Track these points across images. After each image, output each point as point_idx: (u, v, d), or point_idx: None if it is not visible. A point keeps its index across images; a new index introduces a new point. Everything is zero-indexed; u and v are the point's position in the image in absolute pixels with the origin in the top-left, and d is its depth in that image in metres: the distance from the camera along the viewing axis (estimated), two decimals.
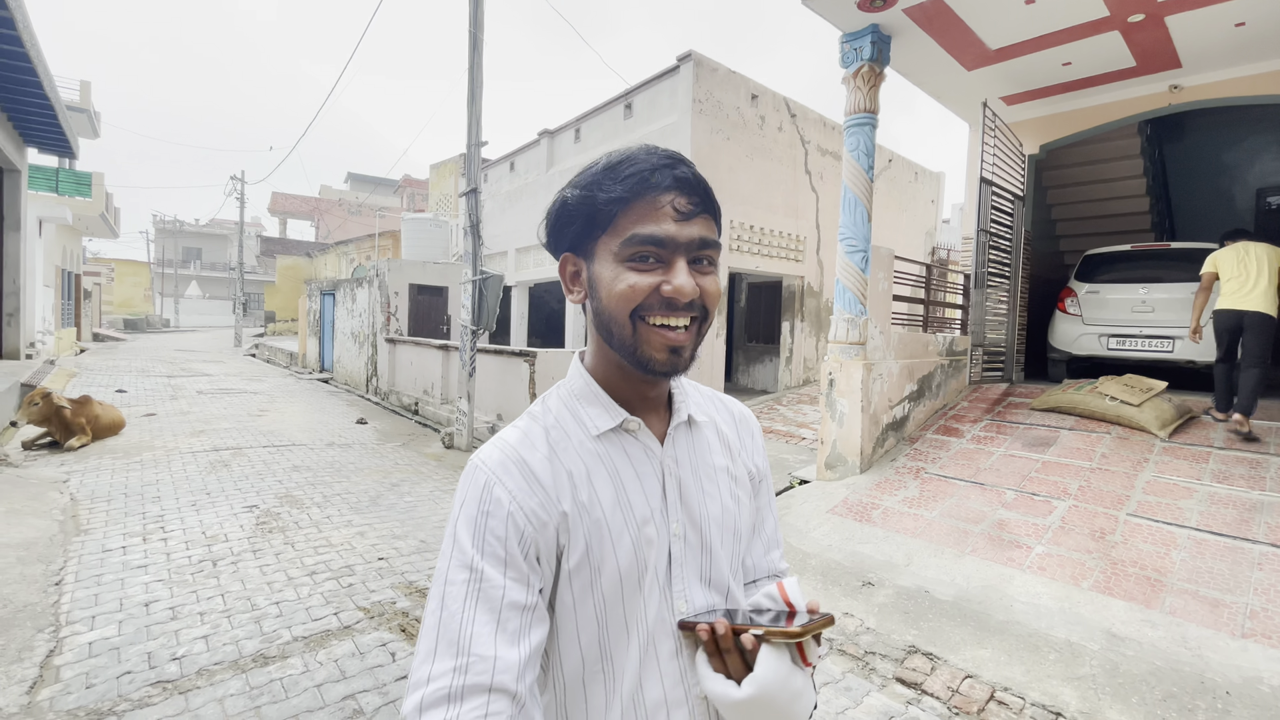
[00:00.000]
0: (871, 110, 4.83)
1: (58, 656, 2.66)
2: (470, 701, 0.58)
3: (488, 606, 0.62)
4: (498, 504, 0.66)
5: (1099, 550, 3.48)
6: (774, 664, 0.64)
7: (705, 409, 0.84)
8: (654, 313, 0.68)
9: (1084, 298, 6.23)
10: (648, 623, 0.70)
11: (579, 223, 0.72)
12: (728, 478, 0.81)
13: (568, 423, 0.74)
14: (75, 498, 4.74)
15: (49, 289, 16.18)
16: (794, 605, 0.72)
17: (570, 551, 0.68)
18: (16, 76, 8.03)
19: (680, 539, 0.74)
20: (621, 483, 0.72)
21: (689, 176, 0.70)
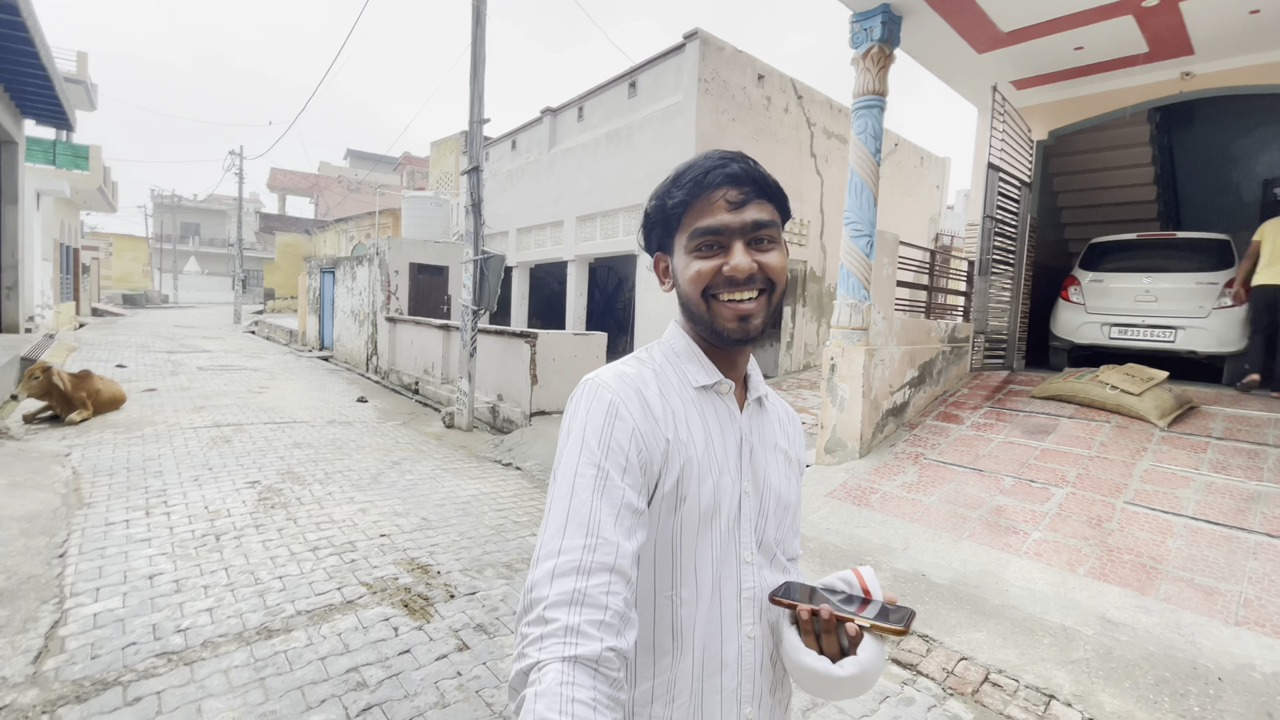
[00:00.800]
0: (880, 92, 4.78)
1: (63, 627, 2.69)
2: (598, 577, 0.65)
3: (610, 502, 0.69)
4: (623, 420, 0.74)
5: (1095, 537, 3.51)
6: (875, 652, 0.73)
7: (771, 397, 0.96)
8: (721, 290, 0.79)
9: (1088, 286, 6.21)
10: (714, 560, 0.79)
11: (659, 227, 0.85)
12: (784, 458, 0.91)
13: (670, 373, 0.84)
14: (77, 471, 4.76)
15: (48, 263, 16.10)
16: (871, 593, 0.79)
17: (666, 477, 0.76)
18: (13, 46, 7.90)
19: (749, 496, 0.84)
20: (710, 433, 0.81)
21: (737, 171, 0.79)
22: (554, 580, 0.65)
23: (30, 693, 2.26)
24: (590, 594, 0.64)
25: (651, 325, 8.25)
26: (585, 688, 0.60)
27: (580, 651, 0.61)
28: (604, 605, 0.64)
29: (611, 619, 0.64)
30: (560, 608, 0.63)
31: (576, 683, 0.60)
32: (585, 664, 0.61)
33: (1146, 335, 5.83)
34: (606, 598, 0.64)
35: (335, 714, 2.24)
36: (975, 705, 2.45)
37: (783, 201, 0.84)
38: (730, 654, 0.79)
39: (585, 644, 0.62)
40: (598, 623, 0.63)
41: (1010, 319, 6.71)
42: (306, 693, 2.34)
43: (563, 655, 0.61)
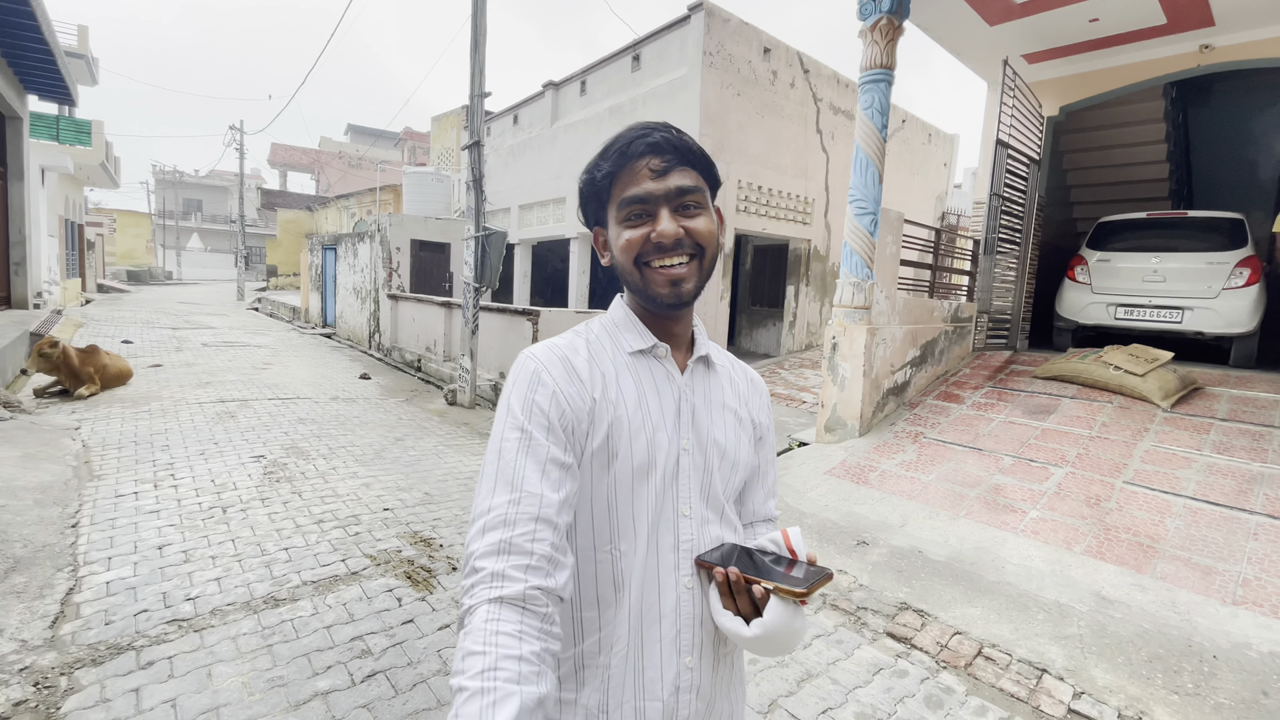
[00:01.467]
0: (888, 66, 4.69)
1: (77, 594, 2.75)
2: (523, 526, 0.70)
3: (535, 459, 0.74)
4: (544, 385, 0.79)
5: (1093, 516, 3.53)
6: (779, 613, 0.76)
7: (721, 360, 0.98)
8: (652, 257, 0.82)
9: (1094, 266, 6.16)
10: (652, 515, 0.82)
11: (591, 201, 0.88)
12: (733, 417, 0.93)
13: (605, 341, 0.88)
14: (87, 444, 4.82)
15: (53, 239, 16.10)
16: (796, 554, 0.83)
17: (594, 435, 0.80)
18: (16, 20, 7.82)
19: (688, 453, 0.86)
20: (644, 392, 0.85)
21: (659, 140, 0.82)
22: (484, 534, 0.69)
23: (49, 655, 2.33)
24: (515, 542, 0.68)
25: None
26: (510, 621, 0.64)
27: (505, 592, 0.65)
28: (529, 551, 0.68)
29: (537, 563, 0.68)
30: (489, 557, 0.68)
31: (502, 618, 0.64)
32: (511, 602, 0.65)
33: (1153, 316, 5.79)
34: (532, 544, 0.69)
35: (341, 680, 2.30)
36: (968, 678, 2.49)
37: (709, 169, 0.86)
38: (668, 604, 0.82)
39: (510, 585, 0.66)
40: (524, 566, 0.67)
41: (1015, 299, 6.67)
42: (313, 659, 2.39)
43: (489, 597, 0.65)
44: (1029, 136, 6.39)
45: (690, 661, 0.83)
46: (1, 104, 9.66)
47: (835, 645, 2.69)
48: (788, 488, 4.28)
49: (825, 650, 2.65)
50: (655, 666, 0.81)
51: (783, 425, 5.72)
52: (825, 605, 3.00)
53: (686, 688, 0.83)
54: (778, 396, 6.91)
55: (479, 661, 0.60)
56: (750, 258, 10.95)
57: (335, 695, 2.21)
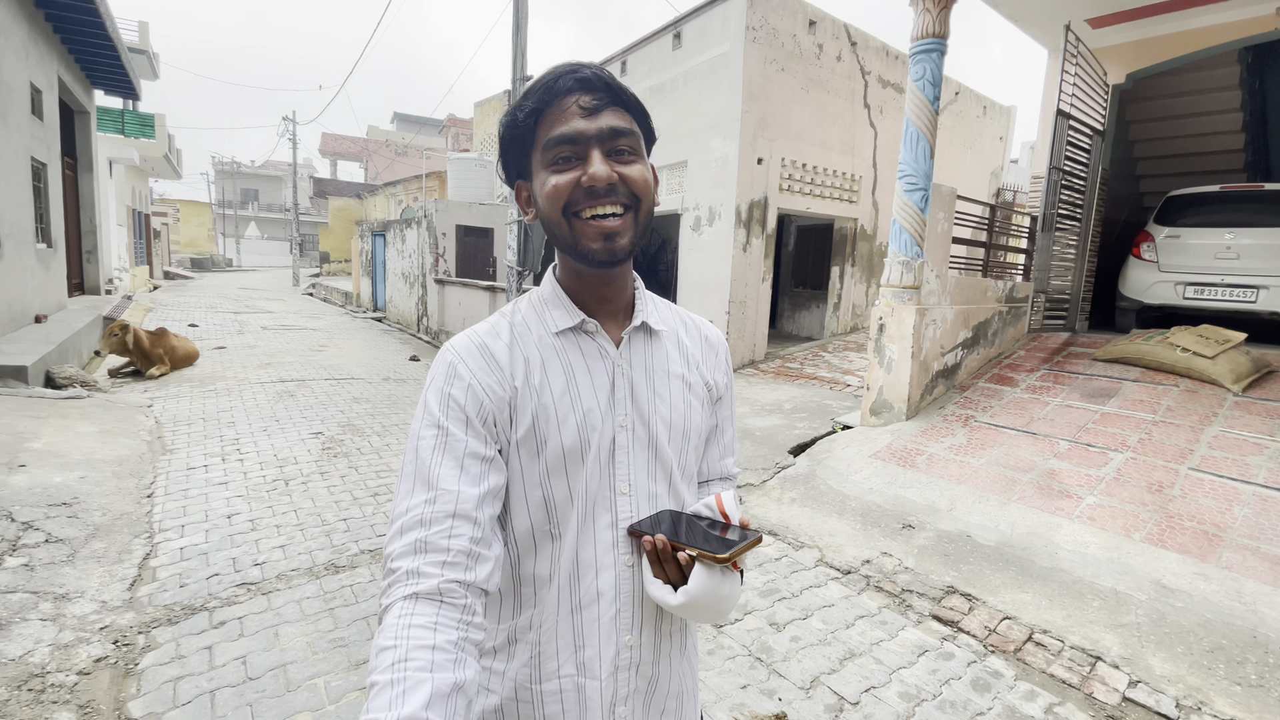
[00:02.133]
0: (941, 35, 4.51)
1: (153, 559, 2.95)
2: (439, 525, 0.67)
3: (452, 456, 0.71)
4: (459, 379, 0.75)
5: (1155, 503, 3.39)
6: (704, 579, 0.73)
7: (669, 321, 0.91)
8: (582, 205, 0.74)
9: (1162, 243, 5.83)
10: (587, 495, 0.79)
11: (513, 147, 0.79)
12: (681, 384, 0.87)
13: (532, 321, 0.82)
14: (159, 421, 5.13)
15: (122, 228, 17.01)
16: (729, 518, 0.80)
17: (518, 424, 0.76)
18: (82, 19, 8.23)
19: (627, 430, 0.81)
20: (573, 373, 0.80)
21: (589, 75, 0.74)
22: (401, 535, 0.67)
23: (127, 615, 2.51)
24: (431, 540, 0.66)
25: (694, 286, 8.19)
26: (425, 615, 0.62)
27: (420, 588, 0.64)
28: (445, 548, 0.66)
29: (454, 558, 0.66)
30: (405, 557, 0.66)
31: (416, 612, 0.62)
32: (426, 597, 0.64)
33: (1225, 295, 5.46)
34: (448, 540, 0.67)
35: None
36: (1017, 663, 2.45)
37: (644, 117, 0.79)
38: (606, 583, 0.79)
39: (425, 581, 0.64)
40: (440, 563, 0.65)
41: (1074, 277, 6.39)
42: (371, 623, 2.52)
43: (403, 594, 0.64)
44: (1092, 106, 6.06)
45: (630, 640, 0.81)
46: (70, 99, 10.19)
47: (879, 626, 2.67)
48: (831, 471, 4.24)
49: (869, 630, 2.64)
50: (594, 645, 0.80)
51: (826, 409, 5.65)
52: (869, 587, 2.98)
53: (625, 665, 0.81)
54: (821, 380, 6.82)
55: (390, 655, 0.59)
56: (794, 238, 10.76)
57: None
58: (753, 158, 7.48)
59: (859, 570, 3.12)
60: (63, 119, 9.87)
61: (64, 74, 9.25)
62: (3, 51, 6.60)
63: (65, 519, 3.16)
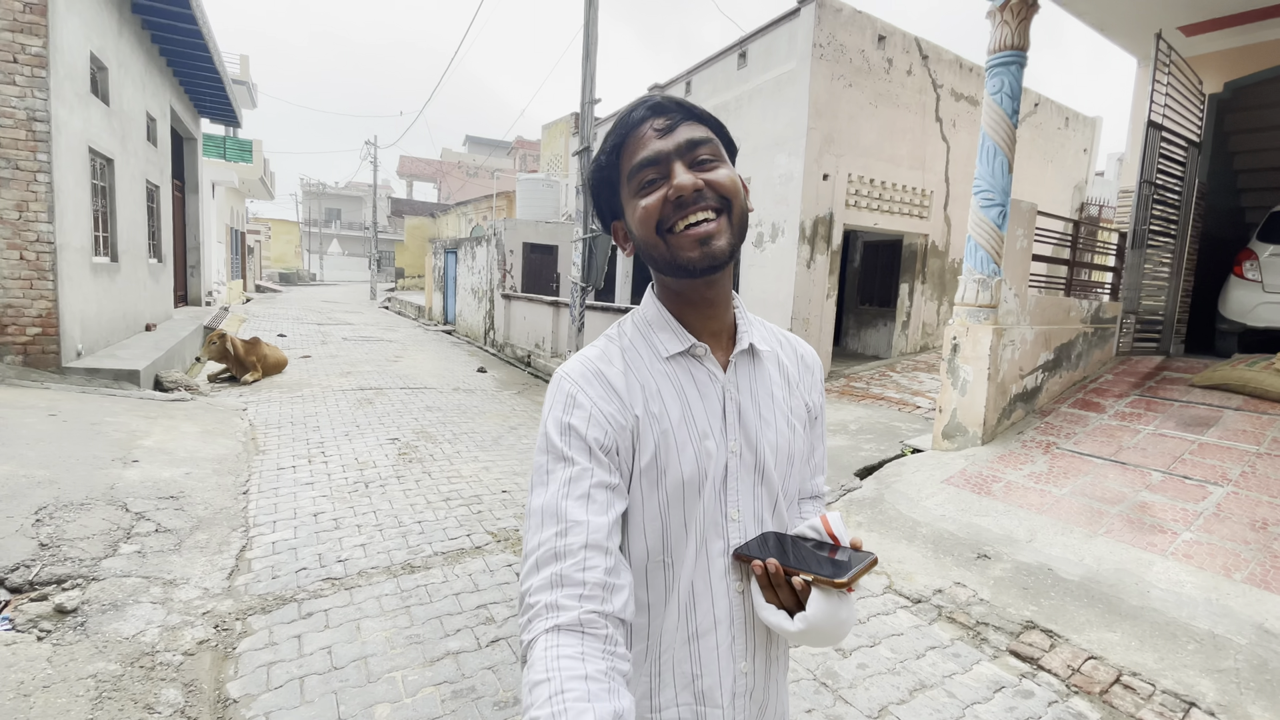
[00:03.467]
0: (1020, 47, 4.38)
1: (249, 551, 3.18)
2: (572, 558, 0.67)
3: (578, 488, 0.71)
4: (580, 407, 0.75)
5: (1259, 542, 3.13)
6: (823, 605, 0.72)
7: (769, 341, 0.90)
8: (674, 219, 0.74)
9: (1266, 261, 5.41)
10: (702, 523, 0.78)
11: (604, 189, 0.81)
12: (785, 408, 0.86)
13: (640, 345, 0.82)
14: (253, 423, 5.52)
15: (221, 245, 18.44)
16: (838, 539, 0.79)
17: (641, 452, 0.76)
18: (191, 53, 9.07)
19: (736, 456, 0.81)
20: (687, 401, 0.79)
21: (660, 100, 0.76)
22: (537, 571, 0.68)
23: (226, 602, 2.72)
24: (566, 574, 0.66)
25: (756, 303, 8.15)
26: (570, 645, 0.62)
27: (561, 620, 0.64)
28: (581, 581, 0.66)
29: (591, 591, 0.66)
30: (542, 591, 0.66)
31: (561, 644, 0.62)
32: (568, 629, 0.64)
33: None
34: (583, 574, 0.67)
35: (468, 642, 2.51)
36: (1103, 705, 2.31)
37: (720, 128, 0.79)
38: (721, 611, 0.79)
39: (565, 613, 0.64)
40: (577, 595, 0.65)
41: (1168, 297, 5.99)
42: (444, 622, 2.63)
43: (545, 628, 0.64)
44: (1187, 117, 5.71)
45: (745, 667, 0.81)
46: (181, 127, 11.20)
47: (951, 658, 2.58)
48: (900, 495, 4.12)
49: (940, 662, 2.55)
50: (714, 673, 0.79)
51: (894, 431, 5.49)
52: (940, 617, 2.88)
53: (743, 692, 0.82)
54: (889, 400, 6.63)
55: (545, 689, 0.58)
56: (860, 255, 10.54)
57: (464, 656, 2.43)
58: (818, 174, 7.41)
59: (930, 600, 3.02)
60: (173, 145, 10.86)
61: (175, 103, 10.18)
62: (122, 83, 7.35)
63: (172, 511, 3.45)
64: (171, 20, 7.93)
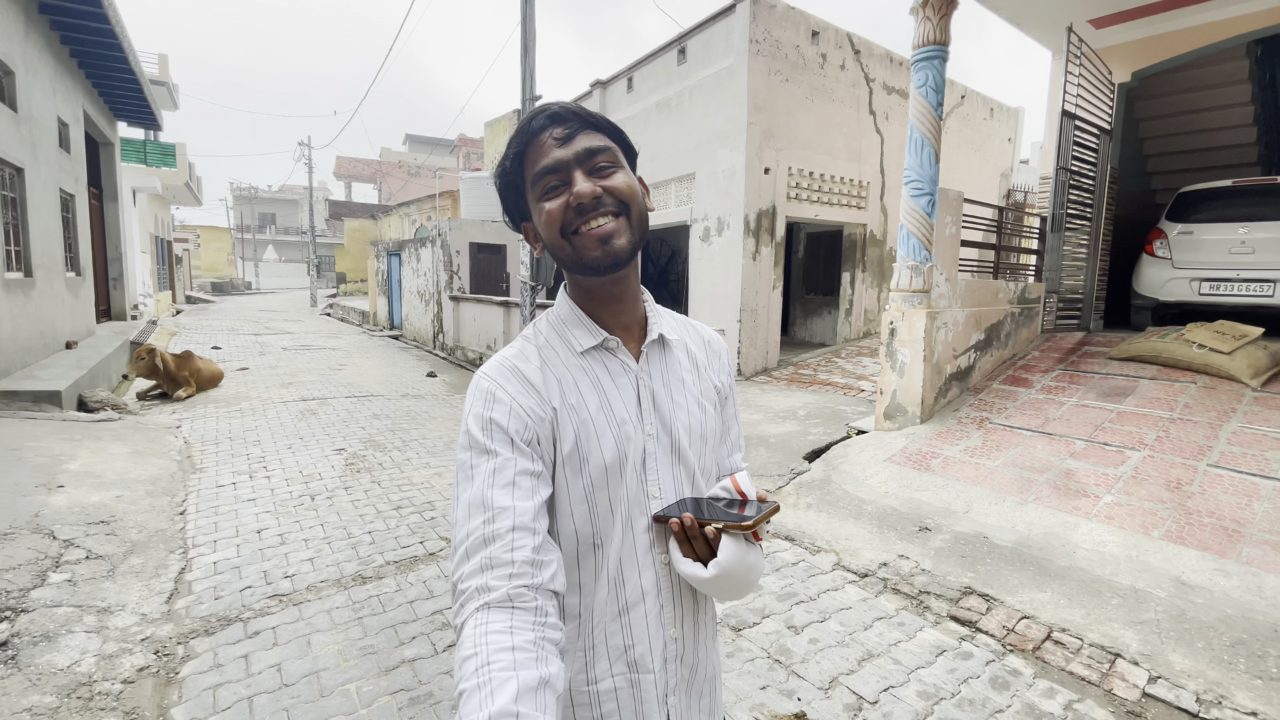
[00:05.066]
0: (942, 42, 4.57)
1: (188, 573, 3.06)
2: (500, 541, 0.71)
3: (503, 476, 0.75)
4: (499, 402, 0.79)
5: (1173, 500, 3.38)
6: (732, 550, 0.78)
7: (677, 331, 0.96)
8: (576, 223, 0.79)
9: (1175, 239, 5.81)
10: (626, 503, 0.83)
11: (511, 193, 0.85)
12: (695, 390, 0.92)
13: (556, 342, 0.86)
14: (188, 441, 5.27)
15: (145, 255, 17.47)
16: (746, 494, 0.86)
17: (562, 442, 0.81)
18: (105, 54, 8.54)
19: (653, 438, 0.86)
20: (603, 390, 0.84)
21: (558, 110, 0.81)
22: (467, 559, 0.71)
23: (166, 627, 2.61)
24: (495, 556, 0.69)
25: (705, 296, 8.26)
26: (499, 621, 0.65)
27: (491, 598, 0.67)
28: (509, 560, 0.69)
29: (520, 569, 0.69)
30: (473, 577, 0.69)
31: (490, 620, 0.65)
32: (497, 605, 0.67)
33: (1242, 290, 5.42)
34: (511, 554, 0.70)
35: (424, 649, 2.48)
36: (1036, 661, 2.46)
37: (619, 134, 0.84)
38: (649, 582, 0.84)
39: (494, 592, 0.67)
40: (506, 575, 0.69)
41: (1087, 277, 6.37)
42: (399, 630, 2.60)
43: (475, 607, 0.67)
44: (1098, 106, 6.08)
45: (675, 633, 0.87)
46: (95, 131, 10.54)
47: (897, 627, 2.70)
48: (846, 475, 4.26)
49: (887, 632, 2.67)
50: (644, 641, 0.84)
51: (840, 414, 5.67)
52: (886, 589, 3.01)
53: (673, 657, 0.87)
54: (834, 385, 6.83)
55: (473, 663, 0.61)
56: (803, 246, 10.80)
57: (421, 662, 2.40)
58: (759, 168, 7.56)
59: (876, 573, 3.15)
60: (88, 151, 10.21)
61: (89, 107, 9.58)
62: (31, 88, 6.88)
63: (104, 536, 3.27)
64: (82, 20, 7.45)
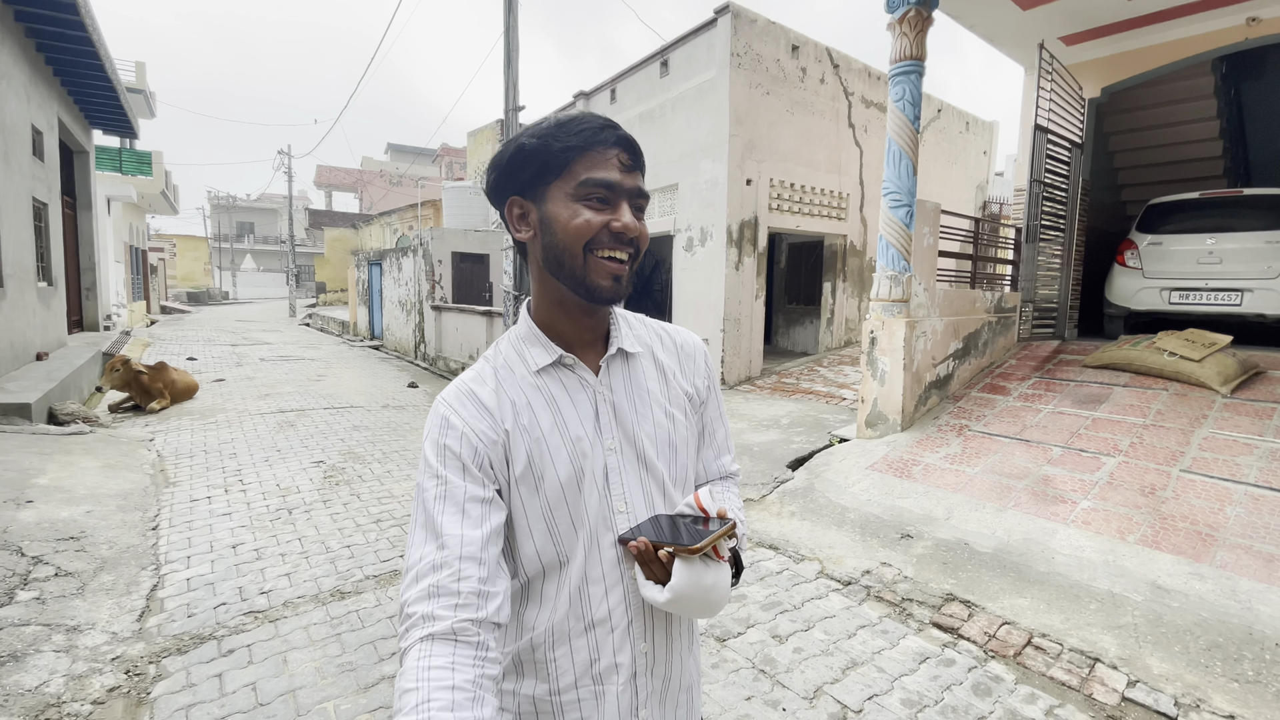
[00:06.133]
0: (918, 58, 4.67)
1: (160, 590, 2.98)
2: (448, 569, 0.72)
3: (454, 503, 0.76)
4: (453, 428, 0.80)
5: (1148, 506, 3.45)
6: (684, 573, 0.77)
7: (643, 339, 0.95)
8: (603, 246, 0.80)
9: (1145, 250, 5.96)
10: (589, 519, 0.83)
11: (533, 167, 0.81)
12: (662, 399, 0.92)
13: (514, 361, 0.87)
14: (161, 454, 5.15)
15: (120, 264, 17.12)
16: (707, 511, 0.84)
17: (515, 463, 0.81)
18: (81, 61, 8.40)
19: (616, 452, 0.86)
20: (558, 408, 0.85)
21: (628, 138, 0.83)
22: (416, 583, 0.72)
23: (137, 645, 2.53)
24: (442, 584, 0.71)
25: (689, 306, 8.29)
26: (442, 655, 0.67)
27: (435, 629, 0.68)
28: (456, 590, 0.71)
29: (465, 600, 0.71)
30: (419, 602, 0.70)
31: (433, 653, 0.67)
32: (441, 638, 0.68)
33: (1210, 299, 5.57)
34: (458, 584, 0.71)
35: None
36: (1017, 667, 2.48)
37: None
38: (616, 599, 0.84)
39: (440, 622, 0.69)
40: (452, 605, 0.70)
41: (1061, 286, 6.51)
42: (378, 646, 2.55)
43: (419, 636, 0.68)
44: (1070, 120, 6.23)
45: (645, 647, 0.87)
46: (69, 139, 10.35)
47: (880, 635, 2.71)
48: (829, 484, 4.28)
49: (870, 640, 2.67)
50: (609, 656, 0.84)
51: (823, 422, 5.71)
52: (870, 597, 3.02)
53: (643, 670, 0.86)
54: (817, 394, 6.88)
55: (413, 697, 0.63)
56: (785, 256, 10.91)
57: None
58: (741, 179, 7.63)
59: (859, 581, 3.16)
60: (62, 159, 10.01)
61: (64, 115, 9.41)
62: (5, 95, 6.75)
63: (73, 553, 3.18)
64: (59, 28, 7.33)
